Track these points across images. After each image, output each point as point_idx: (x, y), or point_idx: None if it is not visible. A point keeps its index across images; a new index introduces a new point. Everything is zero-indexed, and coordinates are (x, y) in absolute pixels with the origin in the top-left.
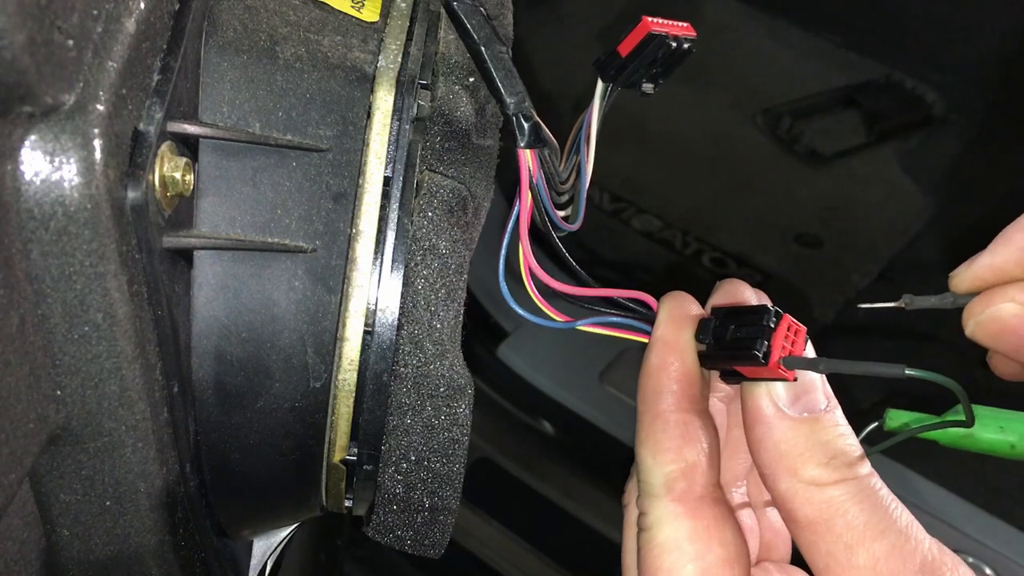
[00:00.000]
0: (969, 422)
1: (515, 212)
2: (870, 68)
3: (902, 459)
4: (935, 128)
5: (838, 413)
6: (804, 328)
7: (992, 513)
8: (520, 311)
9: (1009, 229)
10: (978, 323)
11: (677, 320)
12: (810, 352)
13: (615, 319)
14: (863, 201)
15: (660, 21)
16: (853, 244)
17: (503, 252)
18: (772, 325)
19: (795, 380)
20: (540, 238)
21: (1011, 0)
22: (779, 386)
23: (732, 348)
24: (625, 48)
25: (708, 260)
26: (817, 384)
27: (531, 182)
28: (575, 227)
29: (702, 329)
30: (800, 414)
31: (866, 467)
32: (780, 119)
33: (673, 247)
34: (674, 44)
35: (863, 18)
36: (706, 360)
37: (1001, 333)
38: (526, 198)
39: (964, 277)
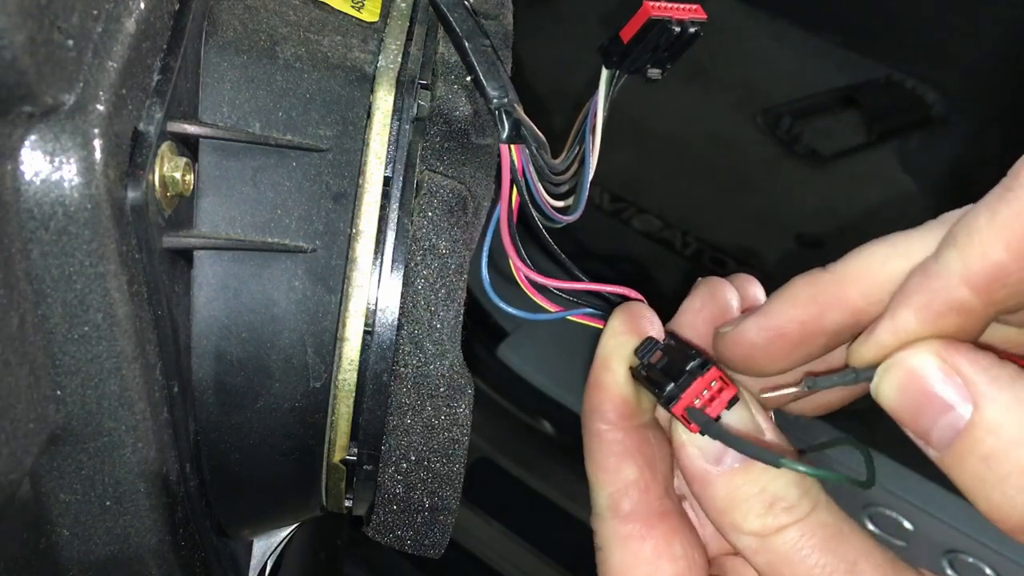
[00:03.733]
0: (869, 482)
1: (499, 207)
2: (870, 68)
3: (902, 459)
4: (935, 128)
5: (800, 468)
6: (735, 389)
7: None
8: (504, 306)
9: (904, 290)
10: (885, 370)
11: (620, 335)
12: (735, 414)
13: (602, 312)
14: (863, 201)
15: (663, 5)
16: (853, 244)
17: (486, 246)
18: (694, 375)
19: (699, 433)
20: (532, 231)
21: (1011, 0)
22: (707, 440)
23: (652, 378)
24: (627, 34)
25: (708, 260)
26: (745, 429)
27: (515, 176)
28: (573, 218)
29: (644, 346)
30: (731, 465)
31: (809, 503)
32: (780, 119)
33: (673, 247)
34: (678, 29)
35: (863, 18)
36: (635, 379)
37: (906, 387)
38: (506, 193)
39: (866, 349)
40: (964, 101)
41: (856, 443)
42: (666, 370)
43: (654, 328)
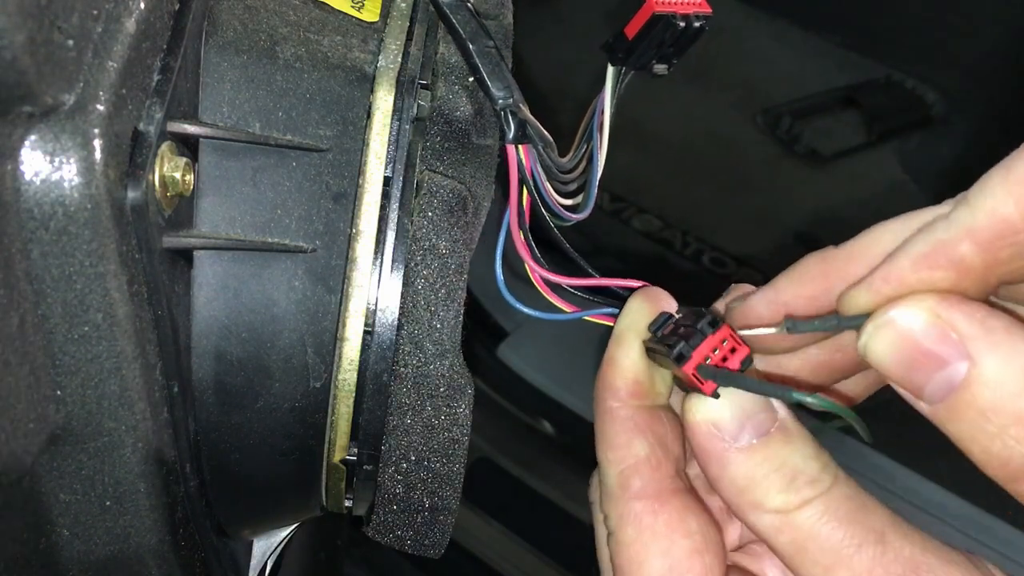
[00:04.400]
0: (867, 439)
1: (508, 208)
2: (870, 68)
3: (902, 459)
4: (935, 128)
5: (808, 399)
6: (748, 349)
7: (992, 513)
8: (520, 307)
9: (908, 239)
10: (877, 328)
11: (636, 313)
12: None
13: (619, 311)
14: (863, 201)
15: (667, 0)
16: None
17: (499, 248)
18: (705, 331)
19: (714, 395)
20: (541, 230)
21: (1011, 0)
22: (723, 416)
23: (663, 344)
24: (631, 30)
25: (708, 260)
26: (759, 403)
27: (523, 176)
28: (583, 216)
29: (658, 321)
30: (751, 440)
31: (830, 476)
32: (780, 119)
33: (673, 247)
34: (682, 24)
35: (863, 18)
36: (648, 353)
37: (899, 345)
38: (515, 194)
39: (856, 292)
40: (964, 101)
41: (844, 410)
42: (674, 332)
43: (671, 310)
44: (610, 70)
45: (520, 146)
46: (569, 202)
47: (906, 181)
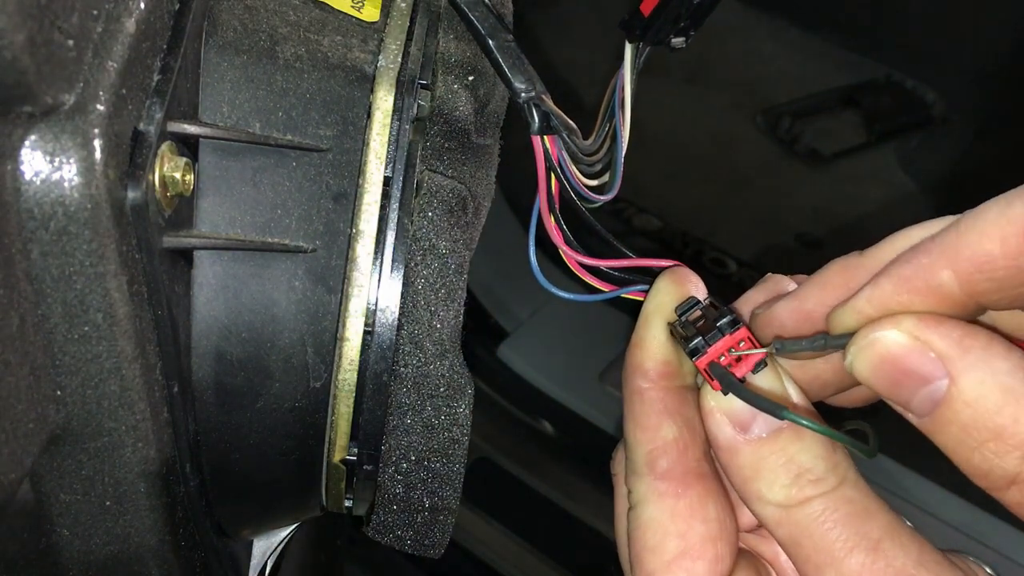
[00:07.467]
0: (872, 452)
1: (537, 198)
2: (870, 68)
3: (902, 459)
4: (935, 128)
5: (803, 423)
6: (763, 353)
7: (992, 513)
8: (555, 290)
9: (894, 260)
10: (860, 349)
11: (664, 295)
12: (763, 378)
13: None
14: (863, 201)
15: None
16: (853, 244)
17: (531, 235)
18: (724, 330)
19: (722, 391)
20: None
21: (1011, 0)
22: (735, 407)
23: (685, 333)
24: (647, 7)
25: (708, 260)
26: (775, 393)
27: (551, 164)
28: (611, 196)
29: (685, 304)
30: (760, 433)
31: (836, 477)
32: (780, 119)
33: (673, 247)
34: None
35: (863, 18)
36: (672, 335)
37: (881, 365)
38: (543, 182)
39: (842, 313)
40: (964, 101)
41: (860, 422)
42: (699, 327)
43: (699, 291)
44: (628, 47)
45: (547, 137)
46: (595, 183)
47: (906, 181)
